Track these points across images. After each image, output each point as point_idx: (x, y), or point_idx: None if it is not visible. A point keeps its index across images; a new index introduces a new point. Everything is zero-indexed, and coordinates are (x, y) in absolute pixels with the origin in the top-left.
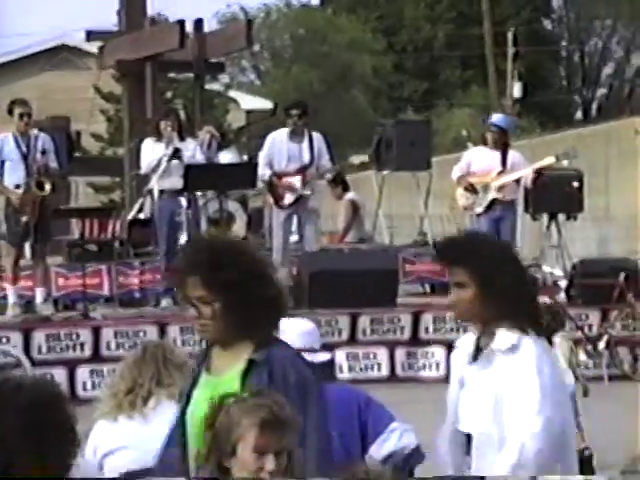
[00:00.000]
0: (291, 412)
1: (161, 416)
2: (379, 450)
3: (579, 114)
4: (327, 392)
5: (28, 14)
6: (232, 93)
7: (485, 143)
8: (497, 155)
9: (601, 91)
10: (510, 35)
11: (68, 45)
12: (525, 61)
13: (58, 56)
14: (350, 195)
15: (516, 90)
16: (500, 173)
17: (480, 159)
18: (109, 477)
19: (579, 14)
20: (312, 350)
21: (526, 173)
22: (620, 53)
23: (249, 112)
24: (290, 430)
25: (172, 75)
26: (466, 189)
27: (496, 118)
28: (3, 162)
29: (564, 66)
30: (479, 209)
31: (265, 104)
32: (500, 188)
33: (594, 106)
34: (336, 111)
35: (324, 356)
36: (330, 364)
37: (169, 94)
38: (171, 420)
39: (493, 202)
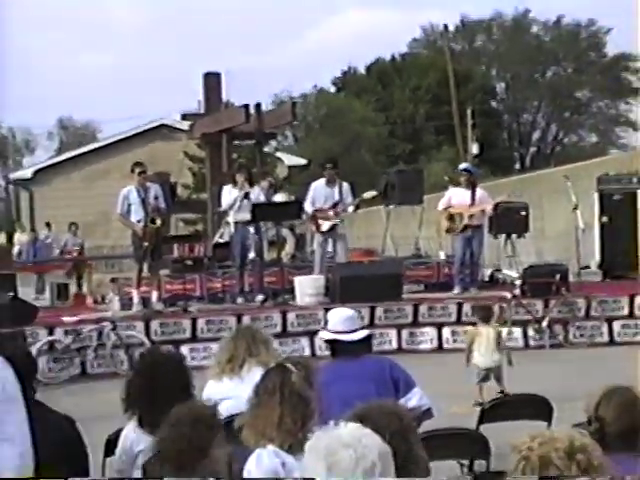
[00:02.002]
0: None
1: (252, 377)
2: (406, 403)
3: (517, 165)
4: (370, 357)
5: (127, 103)
6: (278, 153)
7: (458, 184)
8: (469, 193)
9: (532, 149)
10: (469, 111)
11: (165, 124)
12: (480, 129)
13: (159, 132)
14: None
15: (474, 149)
16: (470, 206)
17: (457, 196)
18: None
19: (515, 97)
20: (354, 330)
21: (489, 206)
22: (543, 124)
23: (290, 167)
24: None
25: (237, 142)
26: (447, 218)
27: (465, 165)
28: (129, 205)
29: (506, 132)
30: (456, 231)
31: (301, 161)
32: (470, 216)
33: (527, 159)
34: (349, 165)
35: (364, 333)
36: (369, 338)
37: (235, 155)
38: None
39: (466, 227)
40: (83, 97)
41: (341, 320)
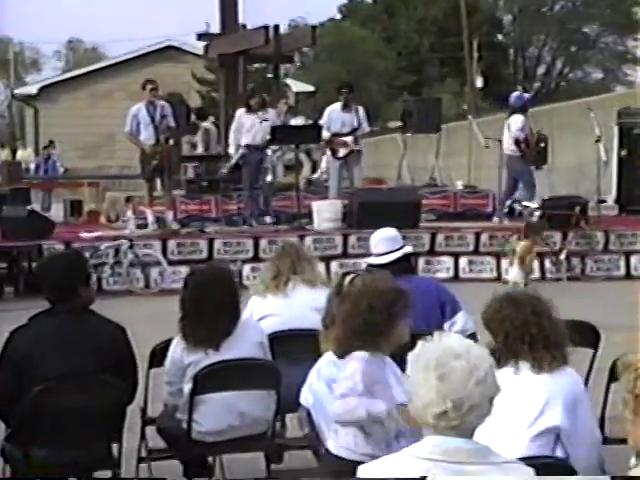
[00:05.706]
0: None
1: (297, 294)
2: (450, 327)
3: None
4: (412, 279)
5: (135, 24)
6: (287, 80)
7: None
8: None
9: (536, 84)
10: (475, 43)
11: (173, 45)
12: (485, 62)
13: (166, 53)
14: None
15: (479, 82)
16: None
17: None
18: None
19: (522, 30)
20: (400, 248)
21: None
22: (548, 58)
23: (298, 93)
24: None
25: (248, 66)
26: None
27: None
28: (139, 123)
29: (511, 66)
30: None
31: (308, 88)
32: None
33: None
34: (355, 94)
35: (408, 248)
36: (404, 259)
37: None
38: (303, 298)
39: None
40: (95, 18)
41: (382, 241)
